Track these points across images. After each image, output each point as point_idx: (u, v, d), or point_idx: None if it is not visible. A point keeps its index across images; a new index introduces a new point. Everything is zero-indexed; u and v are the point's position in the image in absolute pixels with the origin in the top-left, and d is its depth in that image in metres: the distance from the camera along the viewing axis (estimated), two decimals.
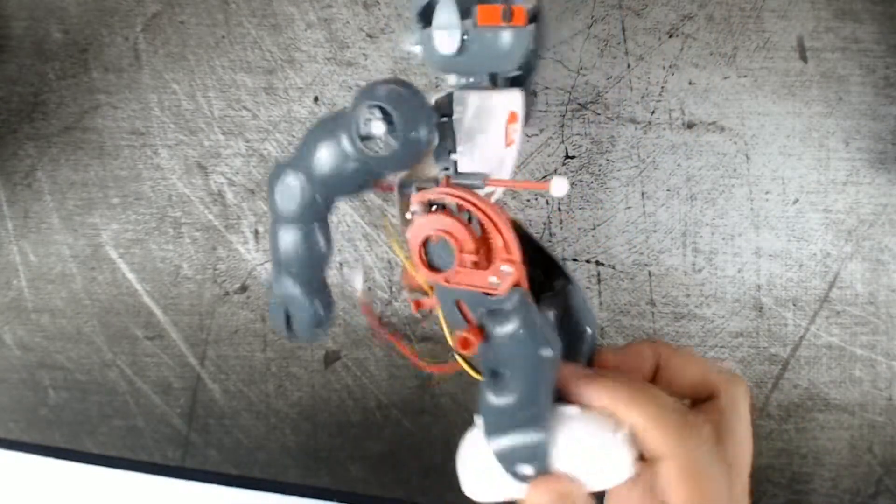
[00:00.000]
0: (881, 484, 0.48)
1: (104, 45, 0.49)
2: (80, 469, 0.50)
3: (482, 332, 0.27)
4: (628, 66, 0.47)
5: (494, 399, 0.27)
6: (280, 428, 0.49)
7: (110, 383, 0.50)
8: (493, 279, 0.27)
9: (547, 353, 0.26)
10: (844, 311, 0.47)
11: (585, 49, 0.48)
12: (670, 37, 0.47)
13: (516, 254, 0.26)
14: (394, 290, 0.49)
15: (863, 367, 0.47)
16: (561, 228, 0.48)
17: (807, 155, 0.47)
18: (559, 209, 0.48)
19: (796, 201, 0.47)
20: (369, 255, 0.48)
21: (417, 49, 0.29)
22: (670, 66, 0.47)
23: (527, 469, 0.26)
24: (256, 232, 0.49)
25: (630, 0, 0.47)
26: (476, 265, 0.27)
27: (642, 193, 0.48)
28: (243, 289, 0.49)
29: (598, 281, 0.48)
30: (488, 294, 0.27)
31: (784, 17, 0.47)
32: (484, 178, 0.27)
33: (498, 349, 0.27)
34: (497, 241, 0.27)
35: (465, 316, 0.28)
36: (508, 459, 0.26)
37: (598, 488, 0.26)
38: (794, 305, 0.48)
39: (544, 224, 0.48)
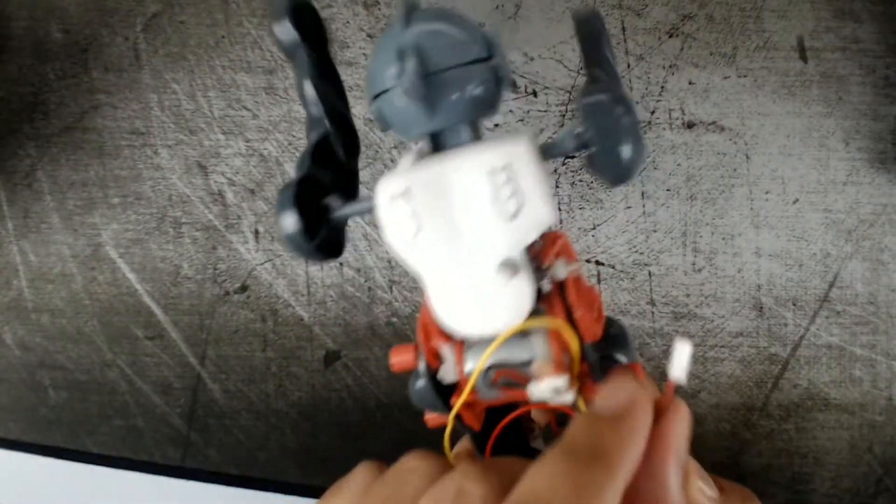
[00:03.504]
0: (881, 484, 0.48)
1: (104, 45, 0.50)
2: (80, 469, 0.50)
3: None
4: (628, 65, 0.47)
5: None
6: (280, 428, 0.49)
7: (110, 383, 0.50)
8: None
9: None
10: (844, 311, 0.47)
11: None
12: (670, 37, 0.47)
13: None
14: (394, 290, 0.49)
15: (863, 367, 0.47)
16: (561, 228, 0.48)
17: (807, 155, 0.47)
18: (559, 209, 0.48)
19: (796, 201, 0.47)
20: (369, 256, 0.48)
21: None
22: (670, 66, 0.47)
23: None
24: (256, 232, 0.49)
25: (630, 0, 0.47)
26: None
27: (642, 193, 0.48)
28: (243, 289, 0.49)
29: (598, 281, 0.48)
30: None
31: (784, 17, 0.47)
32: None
33: None
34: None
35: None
36: None
37: None
38: (794, 305, 0.48)
39: None
